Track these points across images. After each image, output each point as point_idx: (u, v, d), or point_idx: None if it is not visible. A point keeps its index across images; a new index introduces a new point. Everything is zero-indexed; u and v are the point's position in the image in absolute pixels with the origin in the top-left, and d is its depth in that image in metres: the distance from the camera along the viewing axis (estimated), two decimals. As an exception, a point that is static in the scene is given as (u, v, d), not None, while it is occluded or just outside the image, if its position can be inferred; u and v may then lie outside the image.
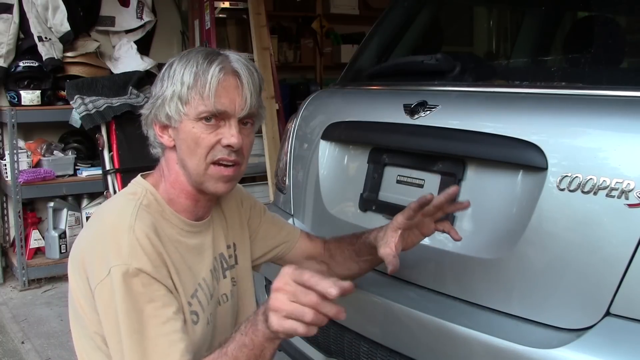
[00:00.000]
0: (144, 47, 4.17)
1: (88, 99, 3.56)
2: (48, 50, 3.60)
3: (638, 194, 1.08)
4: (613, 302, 1.10)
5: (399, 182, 1.58)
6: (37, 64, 3.62)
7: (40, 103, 3.66)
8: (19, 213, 3.58)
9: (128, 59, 3.97)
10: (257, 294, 2.02)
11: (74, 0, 3.75)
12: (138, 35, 4.15)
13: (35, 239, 3.76)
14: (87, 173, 3.78)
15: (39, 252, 3.79)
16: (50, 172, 3.62)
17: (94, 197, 3.84)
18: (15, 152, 3.53)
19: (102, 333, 1.13)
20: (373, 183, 1.64)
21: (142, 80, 3.79)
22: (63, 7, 3.62)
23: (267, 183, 3.98)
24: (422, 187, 1.51)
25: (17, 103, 3.63)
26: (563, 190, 1.18)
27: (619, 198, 1.10)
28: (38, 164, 3.68)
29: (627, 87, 1.27)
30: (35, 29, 3.60)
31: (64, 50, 3.73)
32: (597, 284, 1.13)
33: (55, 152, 3.75)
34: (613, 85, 1.29)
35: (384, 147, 1.62)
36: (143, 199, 1.19)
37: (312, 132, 1.90)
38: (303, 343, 1.78)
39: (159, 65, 3.82)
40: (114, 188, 3.57)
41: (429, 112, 1.48)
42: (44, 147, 3.71)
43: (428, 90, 1.60)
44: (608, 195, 1.11)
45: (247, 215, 1.47)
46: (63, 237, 3.70)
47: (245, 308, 1.41)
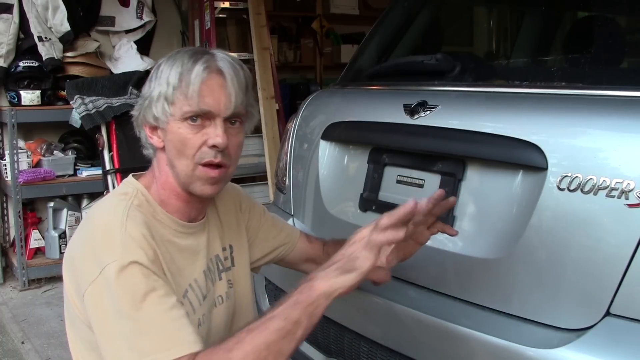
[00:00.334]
0: (144, 47, 4.17)
1: (88, 99, 3.56)
2: (48, 50, 3.60)
3: (638, 194, 1.08)
4: (613, 302, 1.10)
5: (399, 182, 1.58)
6: (37, 64, 3.62)
7: (40, 103, 3.66)
8: (19, 213, 3.58)
9: (128, 59, 3.97)
10: (257, 295, 2.04)
11: (74, 0, 3.75)
12: (138, 35, 4.16)
13: (35, 239, 3.76)
14: (87, 173, 3.78)
15: (39, 252, 3.80)
16: (50, 172, 3.62)
17: (94, 197, 3.83)
18: (15, 152, 3.53)
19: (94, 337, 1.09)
20: (373, 183, 1.64)
21: (142, 80, 3.71)
22: (63, 7, 3.62)
23: (267, 183, 3.98)
24: (422, 187, 1.51)
25: (17, 103, 3.63)
26: (563, 190, 1.18)
27: (619, 198, 1.10)
28: (38, 164, 3.67)
29: (627, 87, 1.26)
30: (35, 29, 3.60)
31: (64, 50, 3.73)
32: (597, 284, 1.13)
33: (55, 152, 3.75)
34: (613, 85, 1.28)
35: (384, 147, 1.62)
36: (134, 199, 1.18)
37: (312, 132, 1.90)
38: (303, 343, 1.77)
39: (159, 66, 3.81)
40: (114, 188, 3.56)
41: (429, 112, 1.48)
42: (44, 147, 3.71)
43: (428, 90, 1.60)
44: (608, 196, 1.11)
45: (245, 218, 1.46)
46: (63, 237, 3.70)
47: (242, 309, 1.40)
